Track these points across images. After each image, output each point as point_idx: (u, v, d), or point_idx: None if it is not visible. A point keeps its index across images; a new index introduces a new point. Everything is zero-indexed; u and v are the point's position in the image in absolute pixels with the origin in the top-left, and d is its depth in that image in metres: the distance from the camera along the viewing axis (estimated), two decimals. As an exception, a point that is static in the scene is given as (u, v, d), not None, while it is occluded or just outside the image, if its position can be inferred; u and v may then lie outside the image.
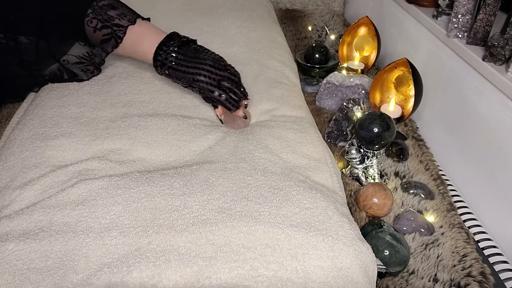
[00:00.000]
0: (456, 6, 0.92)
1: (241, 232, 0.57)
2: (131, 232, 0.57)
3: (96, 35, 0.81)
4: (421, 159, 0.94)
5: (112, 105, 0.81)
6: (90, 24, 0.80)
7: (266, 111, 0.86)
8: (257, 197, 0.62)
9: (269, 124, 0.80)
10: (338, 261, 0.56)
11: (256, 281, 0.53)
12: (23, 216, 0.59)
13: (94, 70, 0.89)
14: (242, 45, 1.06)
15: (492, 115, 0.84)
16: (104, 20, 0.80)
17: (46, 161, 0.69)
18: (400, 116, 0.99)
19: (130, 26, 0.80)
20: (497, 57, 0.82)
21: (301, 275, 0.55)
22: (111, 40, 0.81)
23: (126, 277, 0.53)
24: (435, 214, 0.80)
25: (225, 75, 0.80)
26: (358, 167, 0.87)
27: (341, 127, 0.97)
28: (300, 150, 0.75)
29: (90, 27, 0.81)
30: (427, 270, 0.70)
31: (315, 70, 1.23)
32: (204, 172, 0.66)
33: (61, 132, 0.74)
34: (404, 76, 0.98)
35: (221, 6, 1.23)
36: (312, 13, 1.64)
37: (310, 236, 0.57)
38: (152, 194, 0.62)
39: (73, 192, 0.62)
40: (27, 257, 0.54)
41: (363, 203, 0.79)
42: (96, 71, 0.90)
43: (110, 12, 0.81)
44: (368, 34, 1.18)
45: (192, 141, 0.75)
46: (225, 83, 0.79)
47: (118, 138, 0.73)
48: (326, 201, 0.64)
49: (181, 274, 0.53)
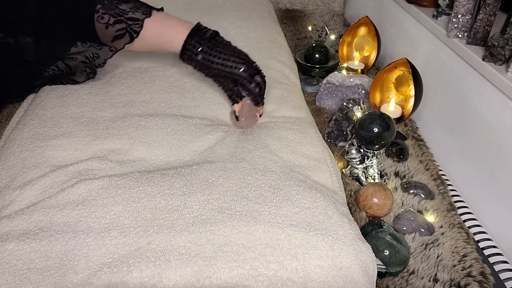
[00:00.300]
0: (456, 6, 0.92)
1: (241, 232, 0.57)
2: (131, 232, 0.57)
3: (109, 31, 0.77)
4: (421, 159, 0.94)
5: (112, 105, 0.81)
6: (101, 20, 0.76)
7: (266, 112, 0.86)
8: (257, 197, 0.62)
9: (269, 125, 0.81)
10: (338, 261, 0.56)
11: (256, 280, 0.53)
12: (23, 216, 0.59)
13: (90, 73, 0.87)
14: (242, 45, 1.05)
15: (492, 115, 0.84)
16: (117, 15, 0.75)
17: (46, 161, 0.69)
18: (400, 116, 0.99)
19: (146, 19, 0.76)
20: (497, 57, 0.82)
21: (301, 275, 0.55)
22: (125, 36, 0.77)
23: (126, 277, 0.53)
24: (435, 214, 0.80)
25: (258, 69, 0.80)
26: (358, 167, 0.87)
27: (341, 127, 0.97)
28: (300, 150, 0.75)
29: (102, 24, 0.76)
30: (427, 270, 0.70)
31: (315, 70, 1.23)
32: (204, 172, 0.66)
33: (61, 132, 0.74)
34: (404, 76, 0.98)
35: (221, 6, 1.23)
36: (312, 13, 1.64)
37: (310, 235, 0.57)
38: (152, 194, 0.62)
39: (73, 192, 0.62)
40: (27, 257, 0.54)
41: (363, 203, 0.79)
42: (91, 74, 0.88)
43: (122, 6, 0.76)
44: (368, 34, 1.18)
45: (192, 141, 0.75)
46: (258, 78, 0.79)
47: (118, 138, 0.73)
48: (326, 200, 0.64)
49: (181, 274, 0.53)
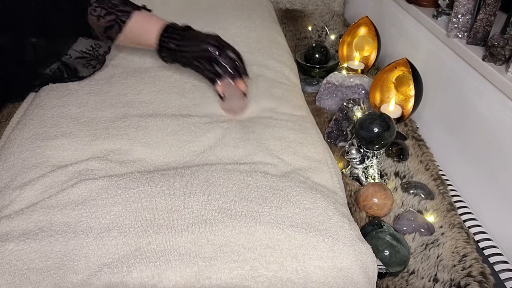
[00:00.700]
0: (456, 6, 0.92)
1: (241, 233, 0.57)
2: (131, 232, 0.57)
3: (100, 23, 0.83)
4: (421, 159, 0.94)
5: (112, 105, 0.81)
6: (94, 12, 0.82)
7: (268, 108, 0.86)
8: (257, 198, 0.62)
9: (271, 122, 0.80)
10: (338, 262, 0.56)
11: (256, 281, 0.53)
12: (23, 216, 0.59)
13: (96, 65, 0.90)
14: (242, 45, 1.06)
15: (492, 115, 0.84)
16: (108, 7, 0.82)
17: (46, 161, 0.69)
18: (400, 116, 0.99)
19: (134, 12, 0.83)
20: (497, 57, 0.82)
21: (301, 276, 0.55)
22: (115, 27, 0.83)
23: (126, 277, 0.53)
24: (435, 214, 0.80)
25: (229, 46, 0.83)
26: (358, 167, 0.87)
27: (341, 127, 0.97)
28: (301, 151, 0.75)
29: (94, 16, 0.82)
30: (427, 270, 0.70)
31: (315, 70, 1.23)
32: (204, 173, 0.66)
33: (61, 132, 0.74)
34: (404, 76, 0.98)
35: (221, 6, 1.23)
36: (312, 13, 1.64)
37: (310, 236, 0.57)
38: (152, 194, 0.62)
39: (73, 192, 0.62)
40: (27, 257, 0.54)
41: (363, 203, 0.79)
42: (98, 65, 0.90)
43: (114, 0, 0.83)
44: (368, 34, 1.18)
45: (192, 141, 0.75)
46: (230, 52, 0.82)
47: (118, 138, 0.73)
48: (326, 201, 0.64)
49: (181, 275, 0.53)
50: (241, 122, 0.81)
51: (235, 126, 0.79)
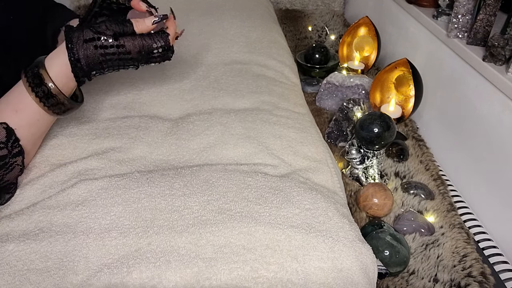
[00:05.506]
0: (456, 6, 0.92)
1: (241, 233, 0.57)
2: (131, 233, 0.57)
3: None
4: (421, 159, 0.94)
5: (112, 106, 0.81)
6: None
7: (268, 101, 0.85)
8: (257, 198, 0.62)
9: (271, 119, 0.80)
10: (338, 262, 0.56)
11: (256, 282, 0.53)
12: (23, 216, 0.59)
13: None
14: (242, 45, 1.06)
15: (492, 115, 0.84)
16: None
17: (45, 160, 0.68)
18: (400, 116, 0.99)
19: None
20: (497, 57, 0.82)
21: (301, 276, 0.54)
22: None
23: (126, 278, 0.52)
24: (435, 214, 0.80)
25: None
26: (358, 167, 0.87)
27: (341, 127, 0.97)
28: (301, 151, 0.75)
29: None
30: (427, 270, 0.70)
31: (315, 70, 1.23)
32: (205, 173, 0.66)
33: (60, 132, 0.74)
34: (404, 76, 0.98)
35: (221, 6, 1.23)
36: (312, 13, 1.64)
37: (311, 237, 0.57)
38: (152, 194, 0.62)
39: (73, 193, 0.62)
40: (27, 258, 0.54)
41: (363, 203, 0.79)
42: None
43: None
44: (368, 34, 1.18)
45: (191, 139, 0.75)
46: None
47: (118, 138, 0.73)
48: (326, 202, 0.63)
49: (181, 275, 0.53)
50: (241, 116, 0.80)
51: (234, 120, 0.78)
